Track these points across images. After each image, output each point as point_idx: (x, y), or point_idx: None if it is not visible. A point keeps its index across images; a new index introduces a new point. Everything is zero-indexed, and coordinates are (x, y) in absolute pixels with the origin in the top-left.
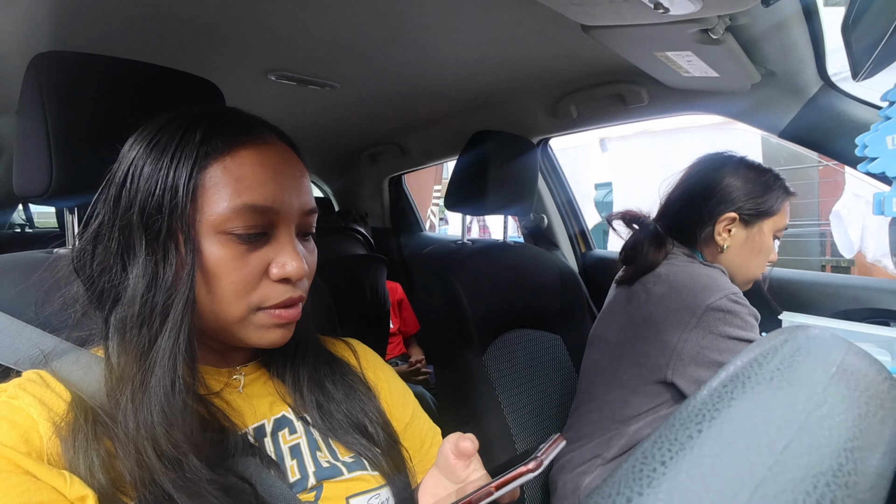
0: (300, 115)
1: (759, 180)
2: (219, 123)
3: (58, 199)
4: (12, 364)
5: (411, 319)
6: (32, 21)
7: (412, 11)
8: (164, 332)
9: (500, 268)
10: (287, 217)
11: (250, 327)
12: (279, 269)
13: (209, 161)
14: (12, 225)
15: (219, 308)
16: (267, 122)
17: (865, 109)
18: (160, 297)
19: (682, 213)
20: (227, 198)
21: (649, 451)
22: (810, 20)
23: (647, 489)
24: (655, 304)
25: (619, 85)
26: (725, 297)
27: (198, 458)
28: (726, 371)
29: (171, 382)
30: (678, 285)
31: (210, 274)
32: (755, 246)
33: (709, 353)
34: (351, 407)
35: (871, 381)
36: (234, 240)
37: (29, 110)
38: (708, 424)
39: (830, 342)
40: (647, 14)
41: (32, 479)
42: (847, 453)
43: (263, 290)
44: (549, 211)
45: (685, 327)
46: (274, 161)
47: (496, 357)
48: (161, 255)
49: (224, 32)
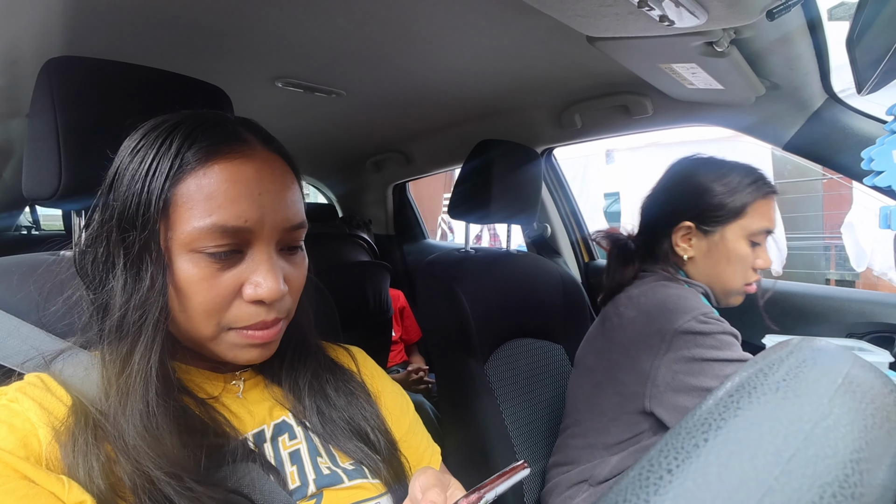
0: (306, 121)
1: (719, 183)
2: (195, 133)
3: (66, 202)
4: (16, 366)
5: (413, 327)
6: (45, 26)
7: (419, 21)
8: (137, 349)
9: (503, 277)
10: (264, 235)
11: (224, 345)
12: (252, 290)
13: (182, 175)
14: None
15: (190, 326)
16: (256, 127)
17: (870, 123)
18: (135, 313)
19: (647, 227)
20: (197, 216)
21: (655, 459)
22: (815, 34)
23: (654, 497)
24: (627, 329)
25: (624, 96)
26: (693, 318)
27: (189, 477)
28: (732, 381)
29: (146, 403)
30: (647, 308)
31: (182, 292)
32: (722, 254)
33: (684, 378)
34: (352, 413)
35: (877, 394)
36: (205, 258)
37: (40, 113)
38: (714, 434)
39: (836, 354)
40: (653, 26)
41: (30, 485)
42: (853, 465)
43: (235, 311)
44: (552, 220)
45: (657, 353)
46: (250, 176)
47: (498, 366)
48: (135, 271)
49: (233, 40)
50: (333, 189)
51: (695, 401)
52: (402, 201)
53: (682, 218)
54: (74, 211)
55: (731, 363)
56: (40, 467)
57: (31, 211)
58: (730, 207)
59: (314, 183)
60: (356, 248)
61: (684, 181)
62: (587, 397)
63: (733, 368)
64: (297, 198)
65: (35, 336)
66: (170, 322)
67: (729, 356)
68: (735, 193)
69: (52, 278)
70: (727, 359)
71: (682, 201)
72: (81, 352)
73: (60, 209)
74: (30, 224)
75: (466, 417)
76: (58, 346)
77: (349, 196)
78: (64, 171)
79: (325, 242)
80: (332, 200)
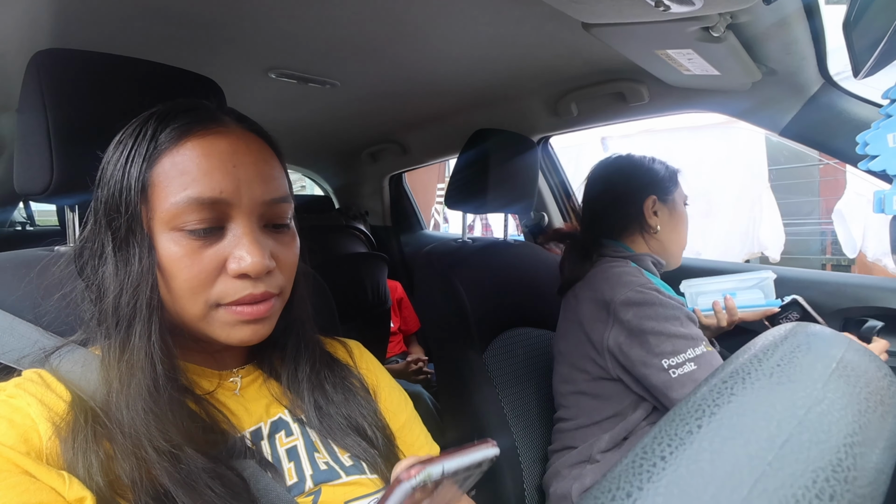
0: (301, 113)
1: (649, 166)
2: (169, 117)
3: (59, 197)
4: (13, 363)
5: (412, 318)
6: (33, 18)
7: (413, 9)
8: (134, 331)
9: (501, 266)
10: (243, 208)
11: (215, 325)
12: (236, 263)
13: (158, 157)
14: (13, 223)
15: (179, 306)
16: (231, 110)
17: (866, 107)
18: (126, 296)
19: (611, 216)
20: (173, 192)
21: (649, 446)
22: (811, 18)
23: (647, 484)
24: (582, 307)
25: (620, 83)
26: (632, 289)
27: (193, 449)
28: (726, 367)
29: (153, 380)
30: (596, 285)
31: (166, 272)
32: (678, 216)
33: (630, 350)
34: (350, 410)
35: (870, 378)
36: (186, 236)
37: (29, 108)
38: (708, 420)
39: (830, 339)
40: (649, 12)
41: (31, 480)
42: (847, 448)
43: (220, 287)
44: (549, 209)
45: (605, 325)
46: (223, 149)
47: (496, 355)
48: (124, 255)
49: (225, 30)
50: (329, 181)
51: (649, 370)
52: (398, 192)
53: (645, 195)
54: (68, 206)
55: (670, 337)
56: (41, 463)
57: (24, 206)
58: (670, 179)
59: (310, 175)
60: (353, 240)
61: (630, 171)
62: (565, 381)
63: (673, 341)
64: (278, 173)
65: (32, 333)
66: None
67: (669, 315)
68: (664, 170)
69: (48, 275)
70: (666, 332)
71: (639, 184)
72: (79, 348)
73: (54, 204)
74: (24, 220)
75: (465, 406)
76: (55, 342)
77: (345, 187)
78: (56, 166)
79: (321, 234)
80: (328, 192)
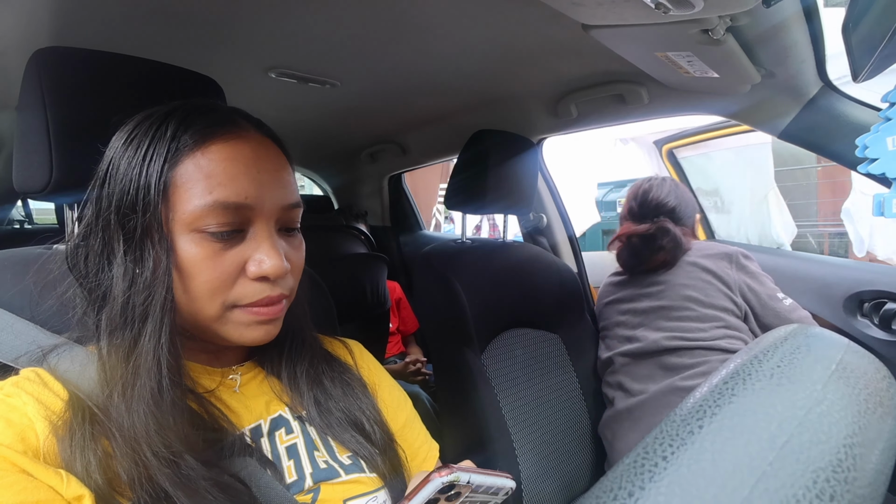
0: (300, 112)
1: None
2: (190, 118)
3: (57, 195)
4: (10, 361)
5: (410, 318)
6: (33, 17)
7: (413, 10)
8: (145, 332)
9: (500, 267)
10: (264, 213)
11: (229, 325)
12: (256, 266)
13: (180, 157)
14: (11, 221)
15: (195, 307)
16: (246, 114)
17: (865, 111)
18: (139, 297)
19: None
20: (198, 195)
21: (651, 446)
22: (811, 21)
23: (649, 483)
24: (703, 263)
25: (620, 85)
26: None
27: (193, 457)
28: (727, 368)
29: (158, 383)
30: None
31: (185, 273)
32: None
33: (759, 286)
34: (349, 404)
35: (870, 379)
36: (207, 238)
37: (29, 106)
38: (709, 420)
39: (830, 340)
40: (648, 14)
41: (29, 478)
42: (846, 449)
43: (239, 289)
44: (548, 210)
45: (730, 269)
46: (247, 155)
47: (495, 356)
48: (138, 255)
49: (225, 29)
50: (329, 181)
51: (775, 303)
52: (397, 192)
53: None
54: (67, 204)
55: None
56: (38, 461)
57: (23, 204)
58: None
59: (309, 174)
60: (352, 240)
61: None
62: (702, 320)
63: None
64: (292, 179)
65: (29, 332)
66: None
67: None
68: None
69: (45, 273)
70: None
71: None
72: (77, 347)
73: (53, 203)
74: (22, 218)
75: (464, 408)
76: (52, 341)
77: (345, 188)
78: (55, 164)
79: (321, 235)
80: (327, 192)
